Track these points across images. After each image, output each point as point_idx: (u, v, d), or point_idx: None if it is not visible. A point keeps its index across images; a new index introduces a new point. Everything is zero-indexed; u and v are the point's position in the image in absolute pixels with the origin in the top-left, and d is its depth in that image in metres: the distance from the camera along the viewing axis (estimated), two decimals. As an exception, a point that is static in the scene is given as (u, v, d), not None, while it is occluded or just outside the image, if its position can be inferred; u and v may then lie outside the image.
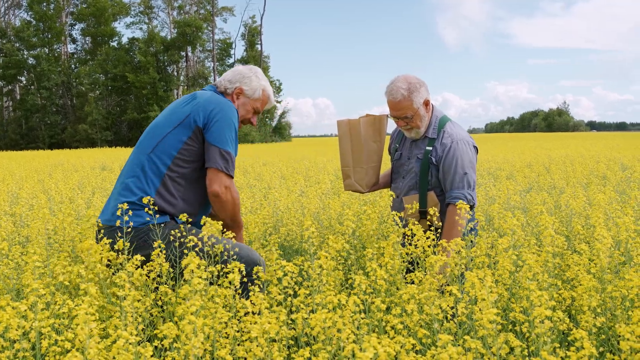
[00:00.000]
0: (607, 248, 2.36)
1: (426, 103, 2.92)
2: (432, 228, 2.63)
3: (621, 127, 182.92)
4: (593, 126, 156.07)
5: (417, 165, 2.94)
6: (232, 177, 2.49)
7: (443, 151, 2.87)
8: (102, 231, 2.39)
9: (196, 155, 2.47)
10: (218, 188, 2.44)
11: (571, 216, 3.75)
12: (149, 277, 2.13)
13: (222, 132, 2.45)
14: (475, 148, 2.97)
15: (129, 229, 2.29)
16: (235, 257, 2.21)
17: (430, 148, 2.91)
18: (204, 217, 2.30)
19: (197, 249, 2.22)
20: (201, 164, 2.49)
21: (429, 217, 2.71)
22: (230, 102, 2.58)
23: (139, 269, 2.07)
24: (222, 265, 2.21)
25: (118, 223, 2.26)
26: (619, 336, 1.69)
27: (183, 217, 2.31)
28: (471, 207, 2.84)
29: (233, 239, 2.31)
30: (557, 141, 28.17)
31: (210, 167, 2.44)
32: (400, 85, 2.87)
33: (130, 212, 2.28)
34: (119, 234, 2.27)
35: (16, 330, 1.47)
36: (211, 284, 2.13)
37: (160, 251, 2.16)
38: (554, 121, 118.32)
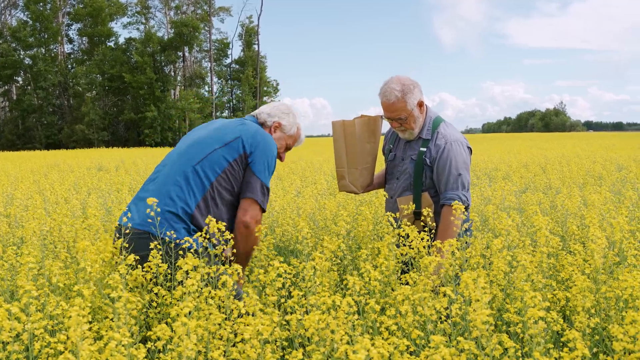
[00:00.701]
0: (601, 248, 2.37)
1: (420, 104, 2.91)
2: (427, 229, 2.64)
3: (618, 127, 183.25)
4: (590, 126, 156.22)
5: (411, 167, 2.93)
6: (264, 212, 2.53)
7: (437, 152, 2.86)
8: (126, 236, 2.25)
9: (236, 180, 2.48)
10: (250, 219, 2.46)
11: (566, 216, 3.76)
12: (145, 278, 2.12)
13: (266, 166, 2.52)
14: (469, 149, 2.97)
15: (166, 240, 2.22)
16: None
17: (425, 149, 2.90)
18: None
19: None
20: (237, 191, 2.49)
21: (423, 218, 2.71)
22: (273, 139, 2.64)
23: (136, 270, 2.07)
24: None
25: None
26: (613, 337, 1.70)
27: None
28: (466, 208, 2.84)
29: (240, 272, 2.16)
30: (553, 141, 28.22)
31: (250, 198, 2.46)
32: (394, 87, 2.85)
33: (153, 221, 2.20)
34: (153, 242, 2.16)
35: (9, 332, 1.46)
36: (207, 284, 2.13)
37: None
38: (551, 121, 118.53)
